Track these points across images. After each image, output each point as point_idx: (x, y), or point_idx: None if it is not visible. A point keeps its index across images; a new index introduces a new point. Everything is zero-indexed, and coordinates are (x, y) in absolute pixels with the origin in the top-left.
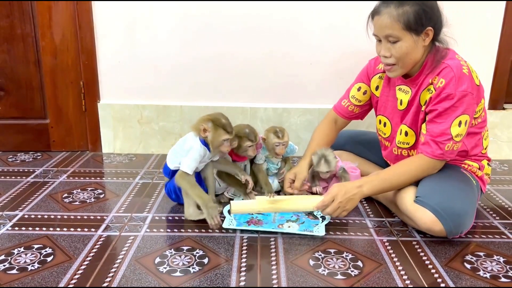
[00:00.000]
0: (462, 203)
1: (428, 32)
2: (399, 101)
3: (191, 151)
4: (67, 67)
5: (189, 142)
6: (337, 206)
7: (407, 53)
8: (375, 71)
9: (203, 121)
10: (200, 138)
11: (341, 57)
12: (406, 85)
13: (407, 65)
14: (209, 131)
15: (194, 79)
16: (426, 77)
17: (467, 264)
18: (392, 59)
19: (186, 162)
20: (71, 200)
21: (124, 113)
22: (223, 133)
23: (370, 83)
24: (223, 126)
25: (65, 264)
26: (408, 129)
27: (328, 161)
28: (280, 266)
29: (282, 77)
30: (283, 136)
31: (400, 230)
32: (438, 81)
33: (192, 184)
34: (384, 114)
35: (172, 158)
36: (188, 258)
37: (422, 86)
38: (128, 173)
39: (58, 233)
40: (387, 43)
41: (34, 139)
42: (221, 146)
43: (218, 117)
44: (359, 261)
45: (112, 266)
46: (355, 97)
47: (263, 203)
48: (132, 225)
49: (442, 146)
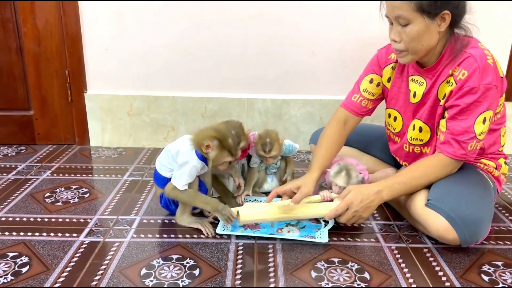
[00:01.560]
0: (478, 209)
1: (445, 16)
2: (412, 93)
3: (187, 166)
4: (51, 55)
5: (184, 156)
6: (352, 215)
7: (418, 38)
8: (388, 61)
9: (208, 138)
10: (197, 152)
11: (345, 45)
12: (421, 76)
13: (418, 51)
14: (212, 149)
15: (188, 67)
16: (445, 68)
17: (484, 276)
18: (402, 45)
19: (179, 177)
20: (54, 200)
21: (112, 104)
22: (227, 155)
23: (382, 74)
24: (229, 149)
25: (42, 276)
26: (422, 125)
27: (349, 174)
28: (279, 278)
29: (282, 66)
30: (271, 151)
31: (409, 235)
32: (460, 72)
33: (192, 195)
34: (394, 108)
35: (163, 166)
36: (178, 269)
37: (440, 77)
38: (117, 169)
39: (37, 238)
40: (398, 26)
41: (18, 131)
42: (220, 165)
43: (225, 136)
44: (366, 273)
45: (93, 278)
46: (368, 90)
47: (274, 212)
48: (117, 230)
49: (465, 145)
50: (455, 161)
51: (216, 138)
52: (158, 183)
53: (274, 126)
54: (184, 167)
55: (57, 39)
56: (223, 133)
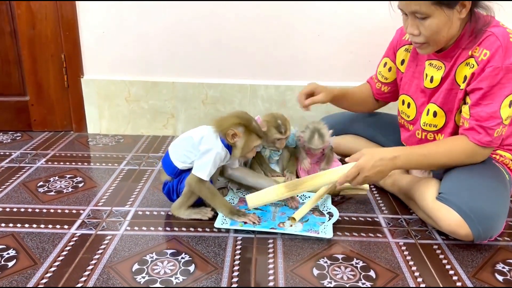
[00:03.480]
0: (493, 203)
1: (465, 3)
2: (428, 78)
3: (210, 153)
4: (47, 38)
5: (208, 143)
6: (363, 180)
7: (438, 31)
8: (401, 42)
9: (232, 126)
10: (222, 140)
11: (353, 29)
12: (439, 60)
13: (440, 42)
14: (240, 136)
15: (188, 52)
16: (464, 49)
17: (498, 276)
18: (421, 38)
19: (203, 167)
20: (46, 189)
21: (110, 89)
22: (255, 139)
23: (395, 57)
24: (256, 131)
25: (28, 270)
26: (437, 109)
27: (322, 135)
28: (279, 276)
29: (286, 51)
30: (286, 131)
31: (418, 230)
32: (481, 52)
33: (213, 192)
34: (408, 93)
35: (179, 154)
36: (172, 265)
37: (459, 59)
38: (114, 158)
39: (26, 230)
40: (415, 18)
41: (14, 118)
42: (249, 152)
43: (249, 120)
44: (372, 271)
45: (82, 274)
46: (382, 73)
47: (281, 190)
48: (110, 222)
49: (491, 132)
50: (480, 148)
51: (240, 124)
52: (167, 170)
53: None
54: (208, 154)
55: (52, 22)
56: (246, 117)
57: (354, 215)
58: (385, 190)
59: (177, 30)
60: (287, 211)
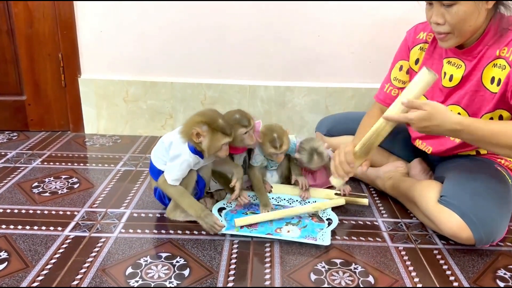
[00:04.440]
0: (496, 206)
1: None
2: (447, 77)
3: (177, 160)
4: (44, 37)
5: (176, 148)
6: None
7: (465, 19)
8: (415, 41)
9: (195, 124)
10: (189, 145)
11: (354, 29)
12: (459, 58)
13: (465, 33)
14: (203, 135)
15: (186, 52)
16: (489, 49)
17: (500, 282)
18: (446, 27)
19: (171, 172)
20: (41, 190)
21: (107, 89)
22: (221, 137)
23: (409, 56)
24: (221, 129)
25: (20, 273)
26: (461, 111)
27: (320, 154)
28: (275, 281)
29: (286, 51)
30: (281, 146)
31: (418, 234)
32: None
33: (180, 192)
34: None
35: (158, 157)
36: (166, 269)
37: (484, 59)
38: (110, 158)
39: (19, 232)
40: (441, 6)
41: (10, 117)
42: (219, 151)
43: (213, 117)
44: (370, 276)
45: (74, 277)
46: (398, 78)
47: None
48: (105, 224)
49: None
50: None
51: (203, 122)
52: (153, 175)
53: (277, 115)
54: (176, 160)
55: (50, 20)
56: (210, 115)
57: (353, 219)
58: (385, 194)
59: (176, 30)
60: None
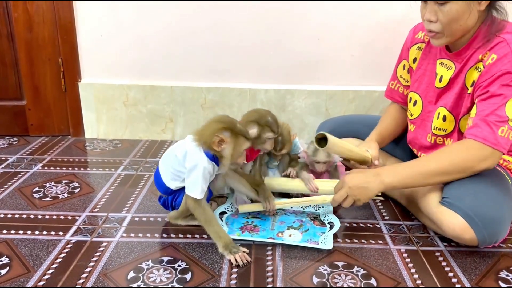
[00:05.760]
0: (499, 207)
1: None
2: (438, 77)
3: (197, 170)
4: (44, 41)
5: (192, 159)
6: (351, 200)
7: (457, 18)
8: (414, 41)
9: (216, 131)
10: (206, 152)
11: (354, 32)
12: (450, 60)
13: (456, 33)
14: (227, 142)
15: (187, 56)
16: (475, 52)
17: (502, 283)
18: (438, 25)
19: (194, 185)
20: (42, 195)
21: (107, 93)
22: (243, 142)
23: (409, 55)
24: (243, 134)
25: (21, 278)
26: (447, 113)
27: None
28: (278, 284)
29: (286, 54)
30: (281, 149)
31: (420, 237)
32: (489, 57)
33: (208, 219)
34: (417, 91)
35: (169, 173)
36: (168, 273)
37: (469, 62)
38: (111, 163)
39: (20, 237)
40: (434, 4)
41: (10, 122)
42: (240, 158)
43: (233, 122)
44: (373, 278)
45: (76, 282)
46: (403, 76)
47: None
48: (106, 228)
49: (495, 128)
50: (486, 148)
51: (225, 128)
52: (160, 188)
53: (278, 118)
54: (195, 171)
55: (50, 25)
56: (229, 120)
57: (355, 221)
58: (387, 196)
59: (176, 34)
60: (286, 220)
